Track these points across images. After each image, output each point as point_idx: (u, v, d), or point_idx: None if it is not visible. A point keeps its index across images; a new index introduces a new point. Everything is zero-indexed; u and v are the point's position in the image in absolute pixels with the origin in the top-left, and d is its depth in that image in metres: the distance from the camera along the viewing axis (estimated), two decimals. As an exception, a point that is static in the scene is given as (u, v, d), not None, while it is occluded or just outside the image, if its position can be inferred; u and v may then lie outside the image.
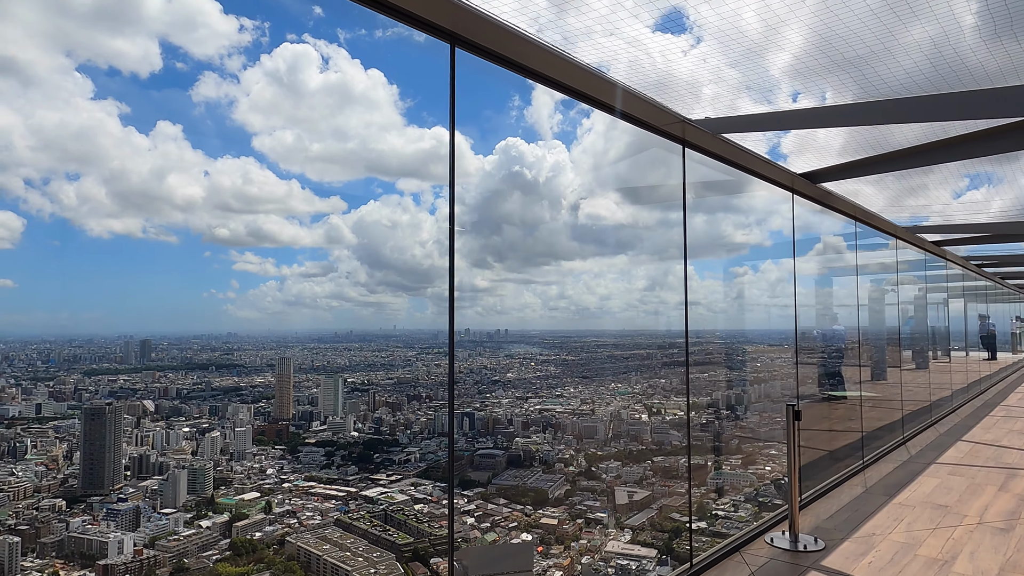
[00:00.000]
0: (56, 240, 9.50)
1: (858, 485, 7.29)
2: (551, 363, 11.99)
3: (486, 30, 3.27)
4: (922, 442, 9.97)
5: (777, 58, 4.12)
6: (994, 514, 6.03)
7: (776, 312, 12.62)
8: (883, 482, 7.38)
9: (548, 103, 20.43)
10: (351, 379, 9.62)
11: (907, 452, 9.16)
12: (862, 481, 7.48)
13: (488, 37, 3.36)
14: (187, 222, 10.98)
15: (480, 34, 3.33)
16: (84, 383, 7.84)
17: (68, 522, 6.58)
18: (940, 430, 11.00)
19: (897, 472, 7.88)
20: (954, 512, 6.11)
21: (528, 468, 9.62)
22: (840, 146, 5.85)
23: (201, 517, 7.16)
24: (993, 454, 8.87)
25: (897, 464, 8.35)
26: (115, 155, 10.40)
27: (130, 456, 7.40)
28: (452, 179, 3.40)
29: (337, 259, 13.18)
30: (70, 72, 9.71)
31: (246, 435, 8.24)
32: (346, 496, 8.16)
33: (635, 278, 16.45)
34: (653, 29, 3.61)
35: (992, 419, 12.30)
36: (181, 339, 9.21)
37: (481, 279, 14.77)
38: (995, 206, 8.56)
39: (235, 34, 12.29)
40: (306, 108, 15.26)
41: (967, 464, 8.23)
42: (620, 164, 16.64)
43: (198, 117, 11.84)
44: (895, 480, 7.45)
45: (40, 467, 6.92)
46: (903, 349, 13.57)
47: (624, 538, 9.13)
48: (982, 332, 22.40)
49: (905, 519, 5.89)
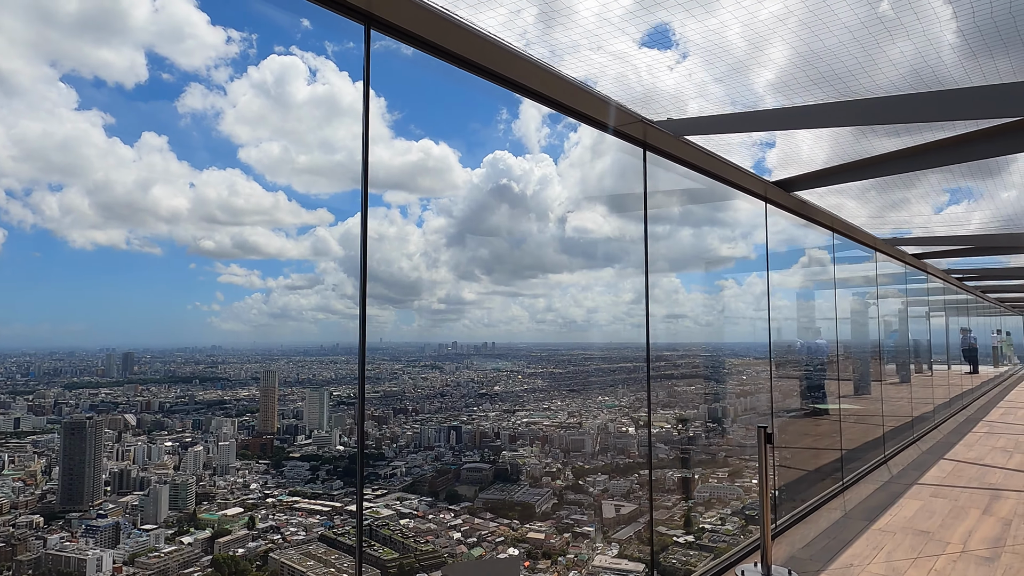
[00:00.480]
0: (37, 252, 9.39)
1: (837, 509, 7.05)
2: (538, 376, 11.97)
3: (400, 7, 3.04)
4: (904, 460, 9.79)
5: (761, 74, 4.19)
6: (978, 541, 5.80)
7: (761, 325, 12.71)
8: (863, 505, 7.14)
9: (536, 117, 20.59)
10: (337, 392, 9.55)
11: (888, 472, 8.98)
12: (841, 504, 7.25)
13: (403, 15, 3.12)
14: (172, 234, 10.90)
15: (396, 13, 3.10)
16: (64, 396, 7.71)
17: (46, 539, 6.44)
18: (922, 447, 10.87)
19: (878, 494, 7.65)
20: (936, 539, 5.86)
21: (515, 482, 9.57)
22: (824, 160, 5.94)
23: (183, 533, 7.04)
24: (976, 473, 8.72)
25: (878, 485, 8.15)
26: (99, 166, 10.33)
27: (110, 471, 7.27)
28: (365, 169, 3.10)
29: (323, 271, 13.14)
30: (54, 82, 9.66)
31: (230, 449, 8.13)
32: (331, 511, 8.06)
33: (622, 291, 16.52)
34: (639, 44, 3.66)
35: (975, 436, 12.20)
36: (165, 352, 9.11)
37: (468, 292, 14.78)
38: (975, 220, 8.72)
39: (222, 45, 12.30)
40: (293, 120, 15.27)
41: (950, 485, 8.04)
42: (606, 177, 16.76)
43: (184, 128, 11.81)
44: (876, 503, 7.21)
45: (17, 483, 6.78)
46: (884, 363, 13.55)
47: (611, 552, 9.09)
48: (964, 345, 22.64)
49: (885, 547, 5.63)
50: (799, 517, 6.64)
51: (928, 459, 9.82)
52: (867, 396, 11.86)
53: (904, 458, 9.94)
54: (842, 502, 7.33)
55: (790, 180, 6.50)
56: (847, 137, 5.25)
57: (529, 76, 3.75)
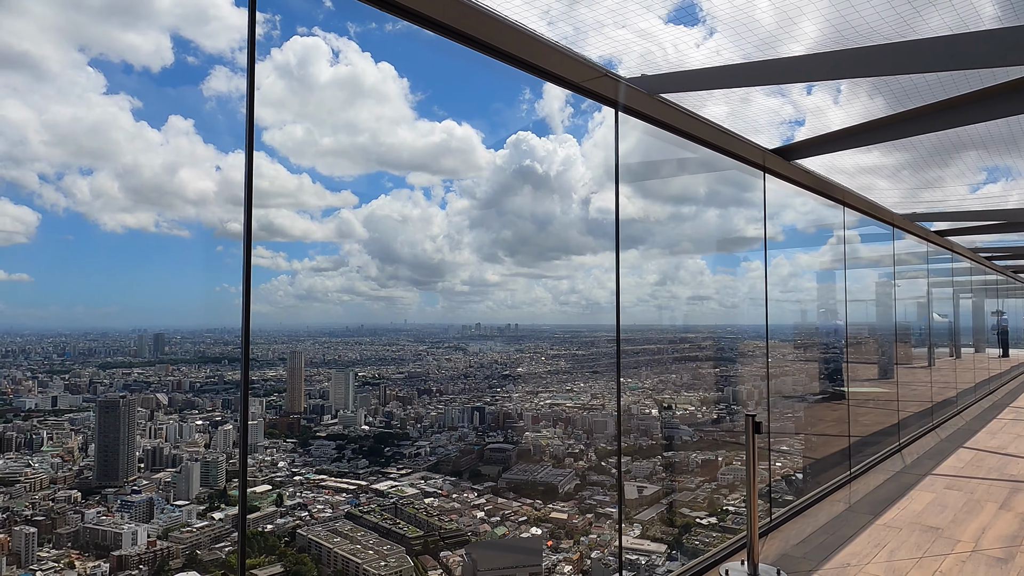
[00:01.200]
0: (70, 235, 9.58)
1: (841, 501, 6.62)
2: (561, 358, 11.96)
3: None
4: (920, 449, 9.28)
5: (791, 50, 4.06)
6: (992, 539, 5.32)
7: (788, 308, 12.51)
8: (869, 497, 6.70)
9: (559, 96, 20.32)
10: (362, 373, 9.66)
11: (902, 461, 8.50)
12: (847, 496, 6.82)
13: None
14: (199, 216, 11.03)
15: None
16: (99, 376, 7.91)
17: (83, 513, 6.66)
18: (941, 435, 10.36)
19: (887, 485, 7.20)
20: (946, 536, 5.38)
21: (538, 462, 9.63)
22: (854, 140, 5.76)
23: (213, 509, 7.23)
24: (997, 464, 8.20)
25: (889, 475, 7.69)
26: (128, 150, 10.46)
27: (144, 448, 7.47)
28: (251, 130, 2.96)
29: (348, 253, 13.22)
30: (83, 67, 9.77)
31: (258, 428, 8.29)
32: (356, 489, 8.20)
33: (646, 272, 16.35)
34: (666, 21, 3.57)
35: (999, 423, 11.56)
36: (194, 333, 9.27)
37: (492, 274, 14.77)
38: (1013, 199, 8.43)
39: (246, 27, 12.32)
40: (316, 102, 15.28)
41: (967, 476, 7.53)
42: (632, 158, 16.54)
43: (209, 112, 11.88)
44: (883, 495, 6.77)
45: (56, 459, 7.00)
46: (901, 346, 12.97)
47: (634, 533, 9.12)
48: (996, 328, 21.99)
49: (888, 545, 5.19)
50: (798, 510, 6.24)
51: (946, 447, 9.38)
52: (885, 380, 11.47)
53: (920, 446, 9.49)
54: (847, 493, 6.94)
55: (789, 148, 5.70)
56: (880, 115, 5.09)
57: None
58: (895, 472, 7.86)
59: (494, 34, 3.56)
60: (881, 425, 9.64)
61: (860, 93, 4.68)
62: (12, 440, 6.99)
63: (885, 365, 11.61)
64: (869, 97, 4.74)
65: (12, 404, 7.29)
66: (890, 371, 11.45)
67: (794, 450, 9.97)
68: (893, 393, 10.20)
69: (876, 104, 4.84)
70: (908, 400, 10.65)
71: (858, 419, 9.21)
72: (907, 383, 11.21)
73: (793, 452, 9.89)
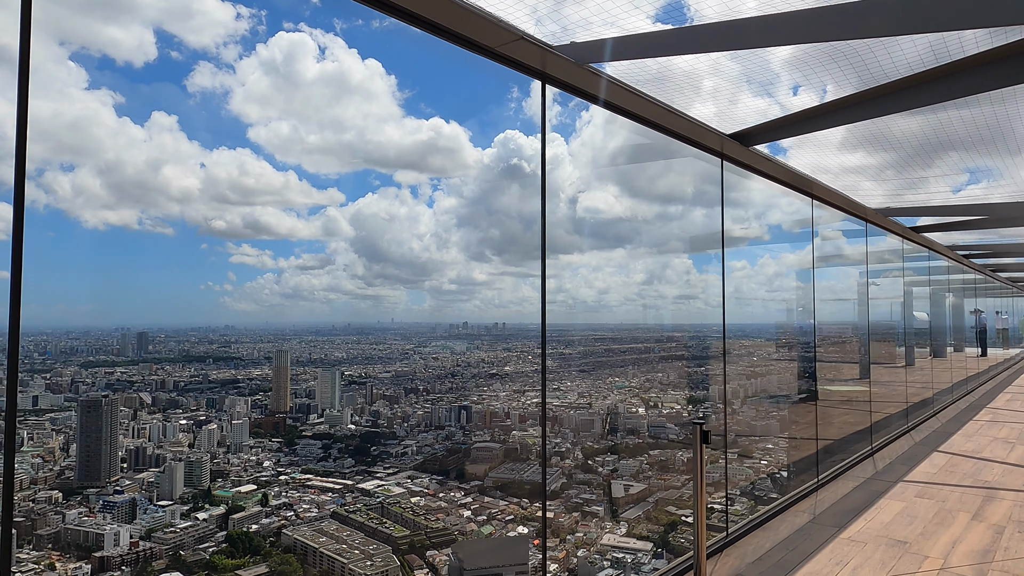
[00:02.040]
0: (51, 231, 9.47)
1: (806, 511, 6.28)
2: (549, 356, 11.98)
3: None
4: (892, 453, 8.93)
5: (777, 51, 4.09)
6: (962, 554, 5.04)
7: (774, 307, 12.60)
8: (836, 508, 6.36)
9: (547, 95, 20.33)
10: (348, 372, 9.62)
11: (873, 466, 8.18)
12: (812, 506, 6.46)
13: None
14: (183, 214, 10.94)
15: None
16: (81, 375, 7.82)
17: (64, 514, 6.58)
18: (916, 438, 10.03)
19: (856, 494, 6.84)
20: (913, 552, 5.09)
21: (525, 461, 9.64)
22: (840, 140, 5.83)
23: (198, 509, 7.17)
24: (971, 469, 7.99)
25: (858, 482, 7.35)
26: (110, 146, 10.35)
27: (127, 448, 7.39)
28: None
29: (334, 252, 13.17)
30: (63, 61, 9.65)
31: (243, 428, 8.23)
32: (342, 489, 8.17)
33: (633, 272, 16.44)
34: (653, 20, 3.58)
35: (975, 424, 11.36)
36: (179, 331, 9.20)
37: (479, 272, 14.78)
38: (995, 199, 8.56)
39: (231, 22, 12.22)
40: (302, 98, 15.21)
41: (939, 483, 7.28)
42: (619, 157, 16.60)
43: (193, 108, 11.79)
44: (851, 504, 6.43)
45: (37, 459, 6.92)
46: (881, 346, 12.54)
47: (620, 531, 9.16)
48: (976, 327, 22.18)
49: (851, 562, 4.88)
50: (759, 523, 5.86)
51: (920, 452, 9.06)
52: (860, 381, 11.15)
53: (893, 450, 9.15)
54: (813, 503, 6.57)
55: (748, 133, 5.29)
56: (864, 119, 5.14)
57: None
58: (865, 479, 7.57)
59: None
60: (854, 427, 9.43)
61: (846, 94, 4.72)
62: (-9, 440, 6.89)
63: (861, 365, 11.53)
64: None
65: (-9, 404, 7.18)
66: (866, 371, 11.40)
67: (758, 454, 9.90)
68: (867, 393, 9.96)
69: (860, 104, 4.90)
70: (884, 401, 10.44)
71: (830, 421, 9.06)
72: (883, 383, 10.97)
73: (758, 456, 9.84)
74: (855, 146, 5.98)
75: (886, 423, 10.10)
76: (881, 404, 10.24)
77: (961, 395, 15.34)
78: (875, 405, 9.88)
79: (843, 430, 9.46)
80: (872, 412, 9.63)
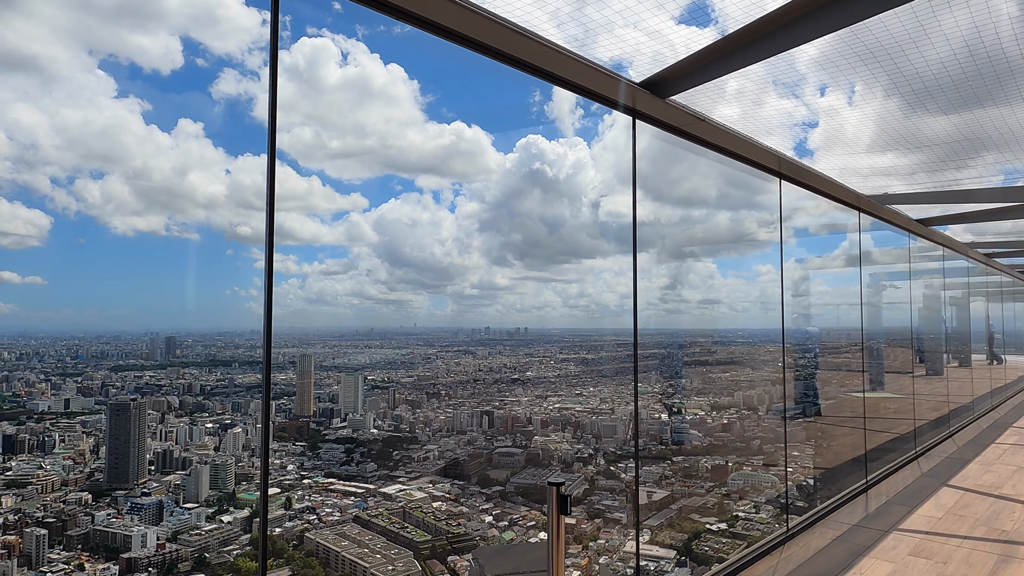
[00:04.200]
0: (82, 238, 9.68)
1: (766, 573, 4.98)
2: (570, 362, 11.92)
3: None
4: (892, 488, 7.24)
5: (804, 50, 4.01)
6: None
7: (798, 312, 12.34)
8: (804, 570, 4.98)
9: (569, 99, 20.32)
10: (371, 377, 9.66)
11: (864, 507, 6.51)
12: (772, 569, 5.03)
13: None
14: (209, 220, 11.11)
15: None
16: (111, 379, 7.96)
17: (94, 515, 6.69)
18: (924, 467, 8.37)
19: (834, 548, 5.35)
20: None
21: (547, 467, 9.58)
22: (870, 139, 5.70)
23: (223, 512, 7.24)
24: (987, 512, 6.21)
25: (841, 531, 5.77)
26: (138, 153, 10.56)
27: (154, 451, 7.49)
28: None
29: (357, 257, 13.27)
30: (92, 70, 9.87)
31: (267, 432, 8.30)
32: (365, 493, 8.19)
33: (655, 276, 16.29)
34: (677, 21, 3.54)
35: (997, 449, 9.38)
36: (205, 336, 9.32)
37: (501, 277, 14.77)
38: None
39: (257, 28, 12.39)
40: (325, 104, 15.37)
41: (945, 533, 5.61)
42: (642, 161, 16.49)
43: (218, 115, 11.98)
44: (823, 566, 4.98)
45: (67, 461, 7.04)
46: (891, 354, 11.08)
47: (643, 538, 9.04)
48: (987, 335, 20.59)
49: None
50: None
51: (927, 486, 7.36)
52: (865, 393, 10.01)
53: (894, 484, 7.48)
54: (773, 565, 5.07)
55: (660, 79, 4.02)
56: (895, 114, 5.02)
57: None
58: (850, 526, 5.91)
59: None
60: (844, 455, 7.86)
61: (876, 94, 4.62)
62: (25, 442, 7.04)
63: (875, 376, 10.12)
64: (886, 96, 4.68)
65: (25, 406, 7.35)
66: (880, 383, 10.12)
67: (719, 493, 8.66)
68: (869, 409, 8.40)
69: (891, 104, 4.78)
70: (890, 417, 9.01)
71: (821, 446, 7.83)
72: (879, 404, 9.41)
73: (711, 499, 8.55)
74: (885, 145, 5.85)
75: (885, 449, 8.49)
76: (888, 422, 8.85)
77: (984, 411, 13.30)
78: (884, 423, 8.49)
79: (837, 456, 8.13)
80: (867, 438, 7.97)
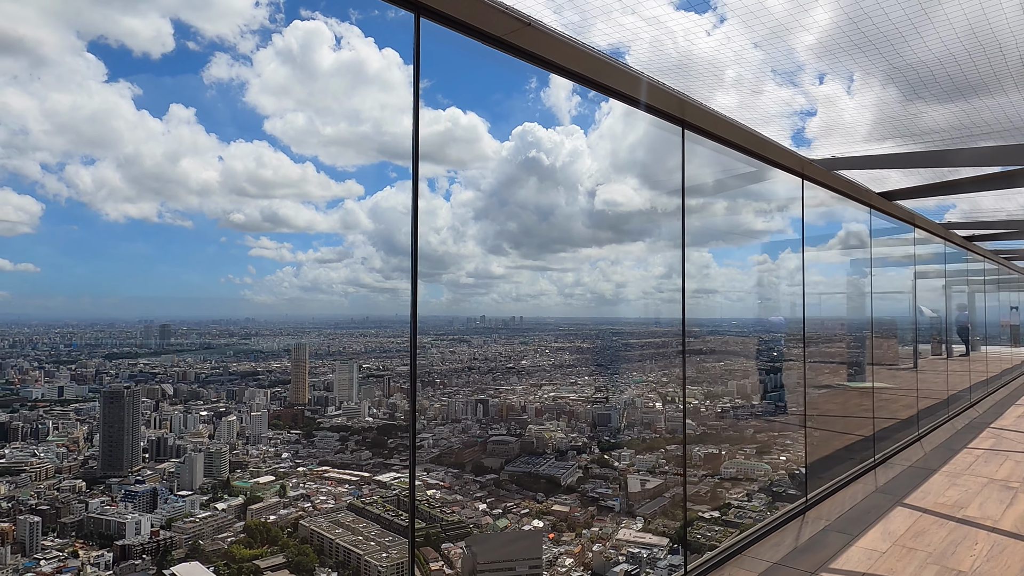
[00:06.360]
0: (74, 225, 9.58)
1: None
2: (566, 351, 11.93)
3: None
4: (838, 507, 6.02)
5: (802, 38, 3.98)
6: None
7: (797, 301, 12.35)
8: None
9: (566, 86, 20.19)
10: (366, 365, 9.65)
11: (796, 536, 5.33)
12: None
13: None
14: (202, 207, 10.99)
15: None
16: (105, 366, 7.92)
17: (87, 503, 6.68)
18: (880, 479, 7.08)
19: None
20: None
21: (541, 455, 9.61)
22: (868, 127, 5.68)
23: (217, 500, 7.24)
24: (944, 542, 4.91)
25: (761, 569, 4.75)
26: (129, 139, 10.40)
27: (148, 439, 7.48)
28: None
29: (352, 245, 13.18)
30: (82, 53, 9.67)
31: (262, 419, 8.30)
32: (359, 481, 8.21)
33: (652, 265, 16.27)
34: (676, 7, 3.50)
35: (968, 456, 7.91)
36: (200, 323, 9.27)
37: (497, 266, 14.71)
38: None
39: (249, 10, 12.16)
40: (319, 89, 15.17)
41: (884, 575, 4.43)
42: (638, 149, 16.42)
43: (210, 100, 11.81)
44: None
45: (61, 448, 7.03)
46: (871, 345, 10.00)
47: (636, 526, 9.10)
48: (957, 324, 20.44)
49: None
50: None
51: (877, 505, 6.06)
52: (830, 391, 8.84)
53: (840, 502, 6.19)
54: None
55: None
56: (893, 104, 5.00)
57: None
58: (770, 564, 4.74)
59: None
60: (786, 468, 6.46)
61: (873, 83, 4.59)
62: (19, 430, 7.02)
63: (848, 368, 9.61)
64: (882, 86, 4.66)
65: (19, 394, 7.32)
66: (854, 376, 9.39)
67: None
68: (839, 408, 7.42)
69: (889, 93, 4.76)
70: (835, 423, 7.78)
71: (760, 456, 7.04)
72: (832, 399, 8.50)
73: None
74: (883, 135, 5.83)
75: (836, 458, 7.31)
76: (851, 422, 7.69)
77: (961, 409, 12.17)
78: (850, 425, 7.38)
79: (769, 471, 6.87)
80: (806, 451, 6.75)
